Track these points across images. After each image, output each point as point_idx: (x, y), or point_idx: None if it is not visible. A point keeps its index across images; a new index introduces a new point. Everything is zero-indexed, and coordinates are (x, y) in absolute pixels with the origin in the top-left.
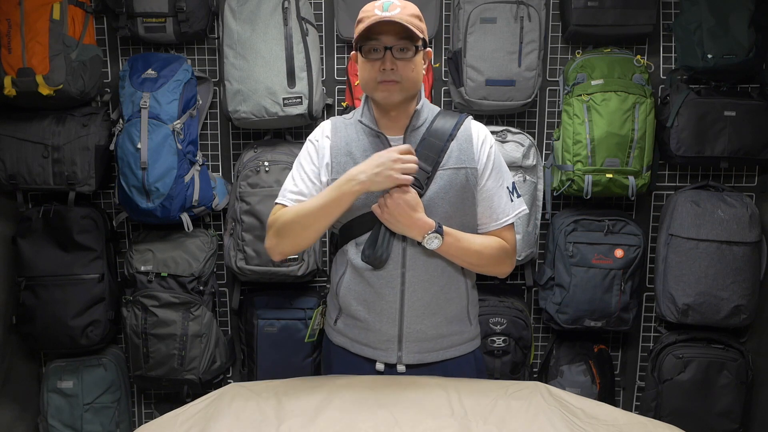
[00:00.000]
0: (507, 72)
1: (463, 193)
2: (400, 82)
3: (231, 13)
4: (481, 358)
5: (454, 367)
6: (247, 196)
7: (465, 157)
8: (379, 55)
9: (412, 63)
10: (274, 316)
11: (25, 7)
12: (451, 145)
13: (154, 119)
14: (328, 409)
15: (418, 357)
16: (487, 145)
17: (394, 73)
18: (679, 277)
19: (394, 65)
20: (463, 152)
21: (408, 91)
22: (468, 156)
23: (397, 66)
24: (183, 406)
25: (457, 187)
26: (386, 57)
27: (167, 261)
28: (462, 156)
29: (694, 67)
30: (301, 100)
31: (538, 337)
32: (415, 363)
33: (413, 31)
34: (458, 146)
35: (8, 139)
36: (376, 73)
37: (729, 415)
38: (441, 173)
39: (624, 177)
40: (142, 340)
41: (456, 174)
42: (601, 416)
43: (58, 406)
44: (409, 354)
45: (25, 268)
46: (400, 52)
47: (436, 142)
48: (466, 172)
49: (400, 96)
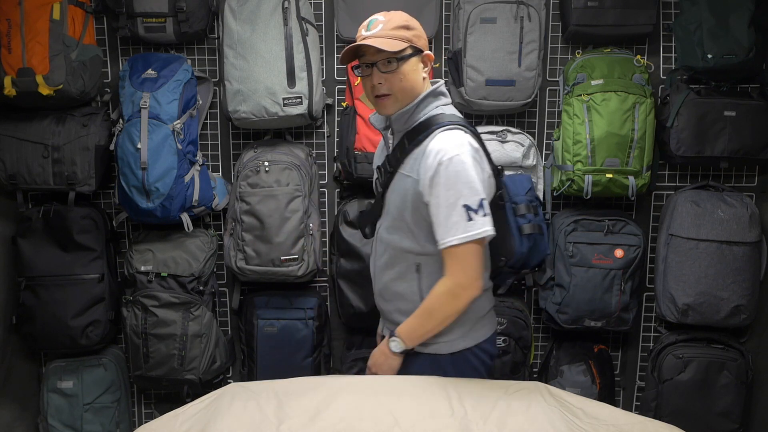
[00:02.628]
0: (507, 72)
1: (405, 200)
2: (392, 94)
3: (231, 13)
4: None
5: (407, 362)
6: (247, 196)
7: (415, 167)
8: (368, 72)
9: (399, 74)
10: (274, 316)
11: (25, 7)
12: (414, 151)
13: (154, 119)
14: (328, 409)
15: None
16: (436, 161)
17: (384, 86)
18: (679, 277)
19: (382, 79)
20: (415, 162)
21: (402, 101)
22: (416, 167)
23: (385, 79)
24: (183, 406)
25: (402, 192)
26: (374, 73)
27: (167, 261)
28: (414, 165)
29: (694, 67)
30: (301, 100)
31: (538, 337)
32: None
33: (385, 49)
34: (416, 155)
35: (8, 139)
36: (370, 88)
37: (729, 415)
38: (398, 175)
39: (624, 177)
40: (142, 340)
41: (404, 180)
42: (601, 416)
43: (58, 406)
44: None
45: (25, 268)
46: (386, 65)
47: (406, 145)
48: (411, 182)
49: (394, 107)
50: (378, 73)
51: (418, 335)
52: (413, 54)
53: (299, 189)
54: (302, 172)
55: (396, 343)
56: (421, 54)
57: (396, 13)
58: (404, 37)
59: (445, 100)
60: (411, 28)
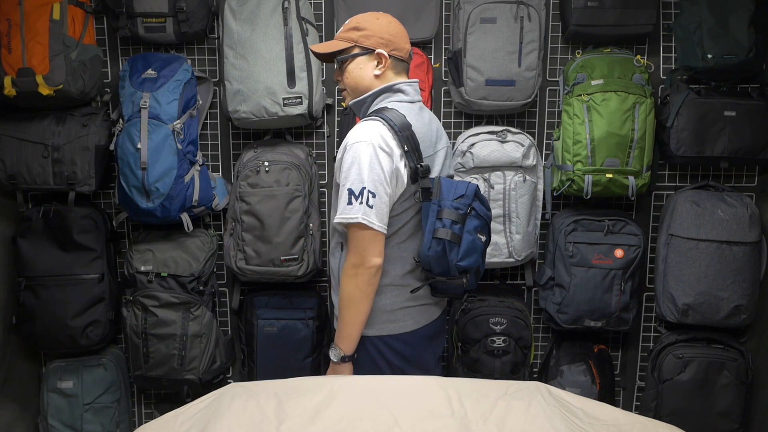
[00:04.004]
0: (507, 72)
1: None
2: (345, 89)
3: (231, 13)
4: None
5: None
6: (247, 196)
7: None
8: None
9: (345, 71)
10: (274, 316)
11: (25, 7)
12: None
13: (154, 119)
14: (328, 409)
15: None
16: (343, 146)
17: (341, 83)
18: (679, 277)
19: (338, 76)
20: (338, 147)
21: (352, 95)
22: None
23: (338, 75)
24: (183, 406)
25: (333, 174)
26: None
27: (167, 261)
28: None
29: (694, 67)
30: (301, 100)
31: (538, 337)
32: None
33: (317, 51)
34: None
35: (8, 139)
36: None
37: (729, 415)
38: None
39: (624, 177)
40: (142, 340)
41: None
42: (601, 416)
43: (58, 406)
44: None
45: (25, 268)
46: (336, 64)
47: (344, 133)
48: (334, 164)
49: (350, 99)
50: (336, 71)
51: (344, 333)
52: (360, 53)
53: (299, 189)
54: (302, 172)
55: (333, 351)
56: (372, 52)
57: (358, 15)
58: (350, 38)
59: (401, 96)
60: (360, 29)
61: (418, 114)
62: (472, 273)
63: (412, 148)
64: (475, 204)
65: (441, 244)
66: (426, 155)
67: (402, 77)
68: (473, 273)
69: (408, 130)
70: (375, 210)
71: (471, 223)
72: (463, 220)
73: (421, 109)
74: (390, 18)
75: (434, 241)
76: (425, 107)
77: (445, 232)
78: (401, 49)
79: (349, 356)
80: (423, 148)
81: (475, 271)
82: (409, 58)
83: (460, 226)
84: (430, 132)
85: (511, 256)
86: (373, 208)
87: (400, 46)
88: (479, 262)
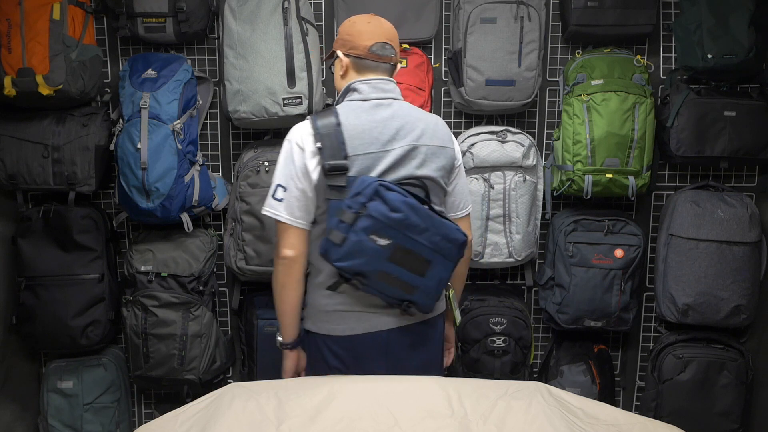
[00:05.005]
0: (507, 72)
1: None
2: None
3: (231, 13)
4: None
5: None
6: (247, 196)
7: None
8: None
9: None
10: (274, 316)
11: (25, 7)
12: None
13: (154, 119)
14: (328, 409)
15: None
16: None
17: None
18: (679, 277)
19: None
20: None
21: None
22: None
23: None
24: (183, 406)
25: None
26: None
27: (167, 261)
28: None
29: (694, 67)
30: (301, 100)
31: (538, 337)
32: None
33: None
34: None
35: (8, 139)
36: None
37: (729, 415)
38: None
39: (624, 177)
40: (142, 340)
41: None
42: (601, 416)
43: (58, 406)
44: None
45: (25, 268)
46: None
47: None
48: None
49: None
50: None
51: (278, 321)
52: (334, 57)
53: None
54: None
55: (277, 338)
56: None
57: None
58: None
59: (355, 95)
60: (338, 34)
61: (366, 112)
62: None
63: (328, 146)
64: (372, 204)
65: (328, 242)
66: (362, 153)
67: (366, 75)
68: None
69: (329, 129)
70: (284, 203)
71: (361, 223)
72: (352, 219)
73: (376, 107)
74: (366, 18)
75: (324, 239)
76: (396, 104)
77: (334, 231)
78: (357, 47)
79: (288, 344)
80: (357, 146)
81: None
82: (375, 56)
83: (346, 226)
84: (378, 130)
85: (511, 256)
86: (282, 202)
87: (356, 44)
88: (374, 265)
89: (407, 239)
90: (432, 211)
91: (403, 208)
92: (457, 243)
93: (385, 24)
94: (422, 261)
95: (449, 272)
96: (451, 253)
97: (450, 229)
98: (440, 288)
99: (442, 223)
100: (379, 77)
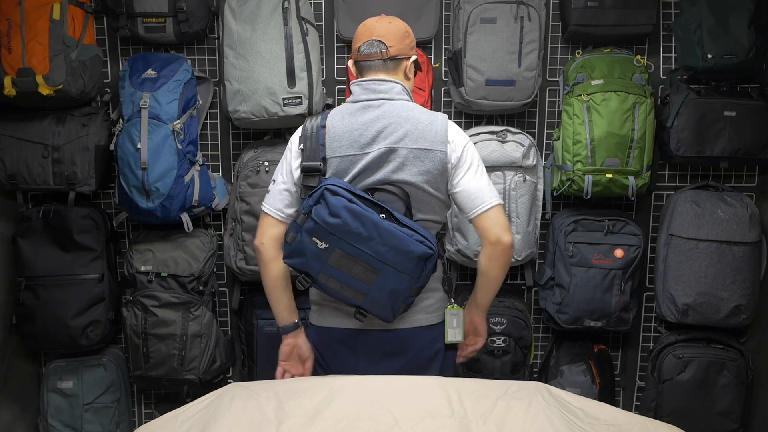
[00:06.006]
0: (507, 72)
1: None
2: None
3: (231, 13)
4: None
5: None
6: (247, 196)
7: None
8: None
9: None
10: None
11: (25, 7)
12: None
13: (154, 119)
14: (328, 409)
15: None
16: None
17: None
18: (679, 277)
19: None
20: None
21: None
22: None
23: None
24: (183, 406)
25: None
26: None
27: (167, 261)
28: None
29: (694, 67)
30: (301, 100)
31: (538, 337)
32: None
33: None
34: None
35: (8, 139)
36: None
37: (729, 415)
38: None
39: (624, 177)
40: (142, 340)
41: None
42: (601, 416)
43: (58, 406)
44: None
45: (25, 268)
46: None
47: None
48: None
49: None
50: None
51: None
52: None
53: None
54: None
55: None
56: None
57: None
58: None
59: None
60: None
61: (352, 114)
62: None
63: (308, 148)
64: (316, 207)
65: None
66: (339, 155)
67: (364, 76)
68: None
69: (313, 130)
70: (270, 195)
71: (306, 224)
72: (302, 221)
73: (363, 109)
74: (375, 19)
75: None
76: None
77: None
78: (353, 51)
79: (282, 328)
80: (336, 148)
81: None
82: (362, 56)
83: (296, 226)
84: (359, 132)
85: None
86: (269, 193)
87: (353, 48)
88: (315, 267)
89: (347, 245)
90: (392, 221)
91: (342, 213)
92: (412, 255)
93: (382, 22)
94: (368, 269)
95: (405, 285)
96: (406, 265)
97: (404, 242)
98: (395, 300)
99: (393, 233)
100: (374, 77)
